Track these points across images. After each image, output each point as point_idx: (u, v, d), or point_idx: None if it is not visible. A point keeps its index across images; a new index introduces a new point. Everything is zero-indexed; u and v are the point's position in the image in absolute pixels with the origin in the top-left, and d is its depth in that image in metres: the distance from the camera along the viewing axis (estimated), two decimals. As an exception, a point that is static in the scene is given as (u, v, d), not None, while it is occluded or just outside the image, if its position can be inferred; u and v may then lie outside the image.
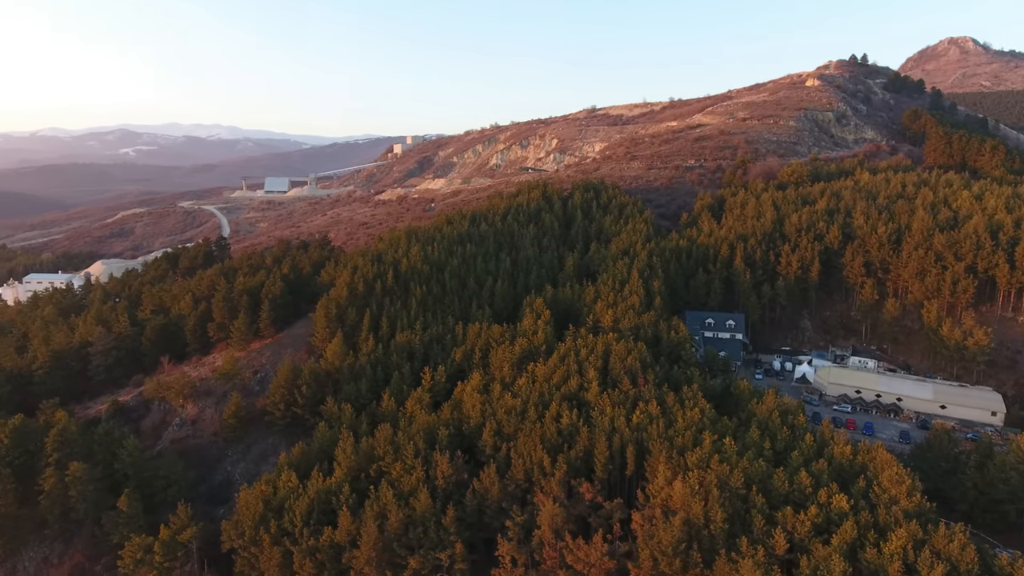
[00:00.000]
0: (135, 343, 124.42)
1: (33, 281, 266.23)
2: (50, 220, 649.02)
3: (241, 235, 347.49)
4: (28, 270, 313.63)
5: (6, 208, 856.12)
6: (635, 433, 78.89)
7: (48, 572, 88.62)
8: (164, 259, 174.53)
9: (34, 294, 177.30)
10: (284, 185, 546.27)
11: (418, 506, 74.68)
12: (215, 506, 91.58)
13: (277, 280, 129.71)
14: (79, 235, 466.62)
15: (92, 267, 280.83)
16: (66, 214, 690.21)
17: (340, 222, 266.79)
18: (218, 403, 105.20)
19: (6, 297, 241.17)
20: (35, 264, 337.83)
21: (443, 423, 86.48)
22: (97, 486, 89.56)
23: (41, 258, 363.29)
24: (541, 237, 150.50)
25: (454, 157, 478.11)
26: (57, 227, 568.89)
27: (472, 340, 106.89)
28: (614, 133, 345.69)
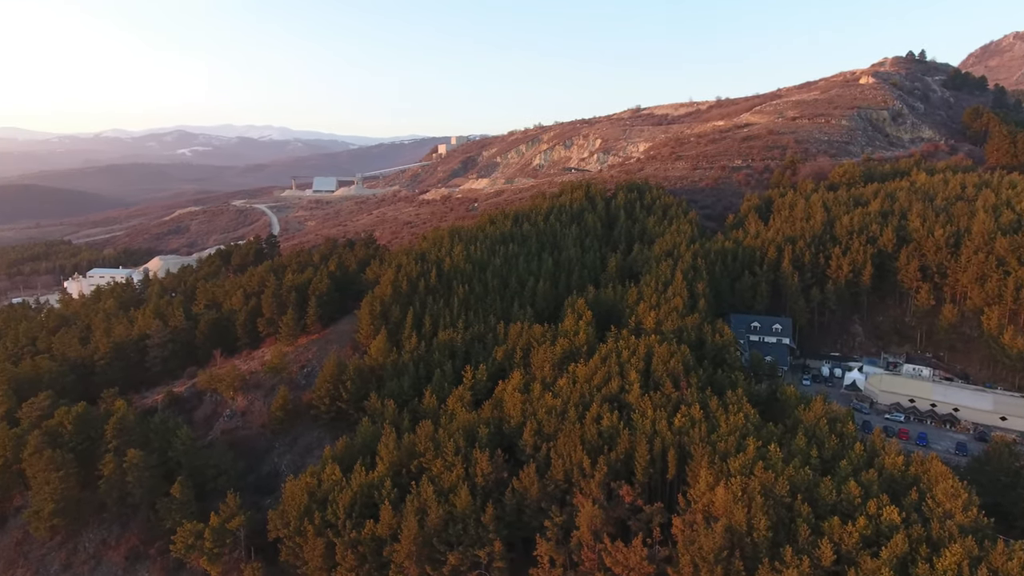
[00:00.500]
0: (189, 336, 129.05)
1: (96, 276, 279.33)
2: (112, 217, 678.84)
3: (290, 233, 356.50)
4: (91, 265, 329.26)
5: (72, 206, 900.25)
6: (677, 437, 77.99)
7: (106, 553, 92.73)
8: (217, 256, 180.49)
9: (97, 288, 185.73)
10: (332, 185, 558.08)
11: (458, 503, 75.49)
12: (262, 496, 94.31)
13: (324, 277, 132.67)
14: (139, 232, 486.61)
15: (150, 263, 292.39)
16: (127, 212, 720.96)
17: (385, 221, 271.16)
18: (266, 396, 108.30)
19: (71, 290, 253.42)
20: (98, 259, 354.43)
21: (483, 421, 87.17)
22: (152, 473, 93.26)
23: (103, 254, 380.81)
24: (583, 237, 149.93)
25: (497, 157, 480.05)
26: (118, 224, 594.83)
27: (513, 340, 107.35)
28: (659, 133, 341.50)
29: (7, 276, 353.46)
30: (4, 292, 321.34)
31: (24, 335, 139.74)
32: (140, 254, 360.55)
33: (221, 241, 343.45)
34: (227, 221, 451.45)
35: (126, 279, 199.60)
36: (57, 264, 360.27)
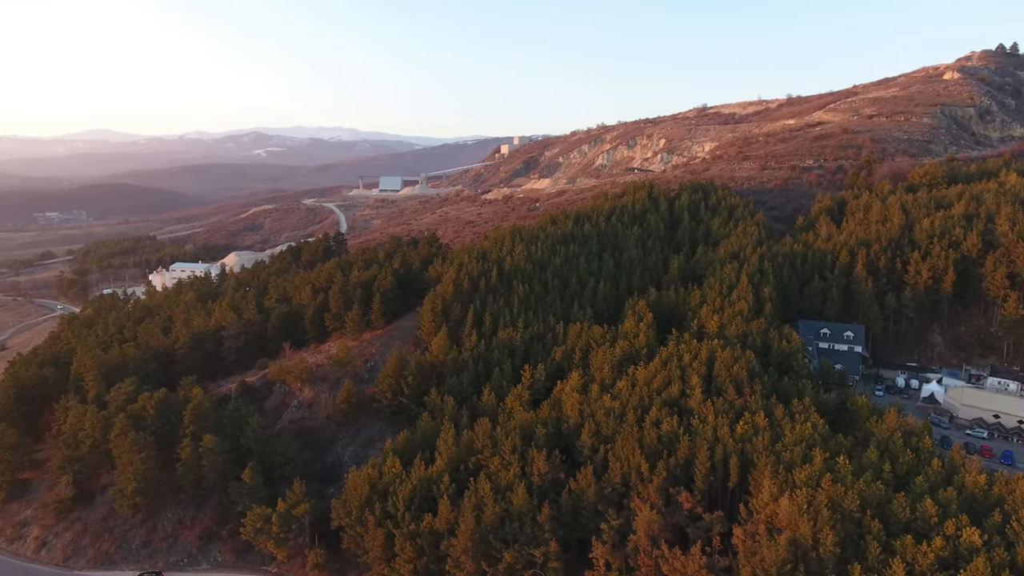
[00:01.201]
0: (261, 329, 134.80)
1: (178, 269, 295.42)
2: (193, 215, 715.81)
3: (357, 231, 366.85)
4: (174, 259, 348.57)
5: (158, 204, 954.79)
6: (739, 444, 76.02)
7: (182, 532, 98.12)
8: (288, 252, 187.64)
9: (178, 281, 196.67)
10: (397, 184, 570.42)
11: (515, 500, 76.06)
12: (326, 485, 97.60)
13: (388, 275, 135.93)
14: (217, 229, 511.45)
15: (227, 258, 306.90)
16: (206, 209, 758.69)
17: (448, 220, 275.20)
18: (332, 389, 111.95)
19: (155, 283, 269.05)
20: (180, 254, 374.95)
21: (541, 421, 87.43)
22: (225, 458, 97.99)
23: (185, 249, 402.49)
24: (646, 239, 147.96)
25: (560, 157, 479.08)
26: (199, 221, 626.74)
27: (572, 340, 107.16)
28: (725, 132, 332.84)
29: (99, 269, 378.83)
30: (96, 284, 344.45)
31: (113, 324, 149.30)
32: (218, 250, 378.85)
33: (292, 238, 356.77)
34: (298, 219, 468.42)
35: (205, 273, 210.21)
36: (143, 258, 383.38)
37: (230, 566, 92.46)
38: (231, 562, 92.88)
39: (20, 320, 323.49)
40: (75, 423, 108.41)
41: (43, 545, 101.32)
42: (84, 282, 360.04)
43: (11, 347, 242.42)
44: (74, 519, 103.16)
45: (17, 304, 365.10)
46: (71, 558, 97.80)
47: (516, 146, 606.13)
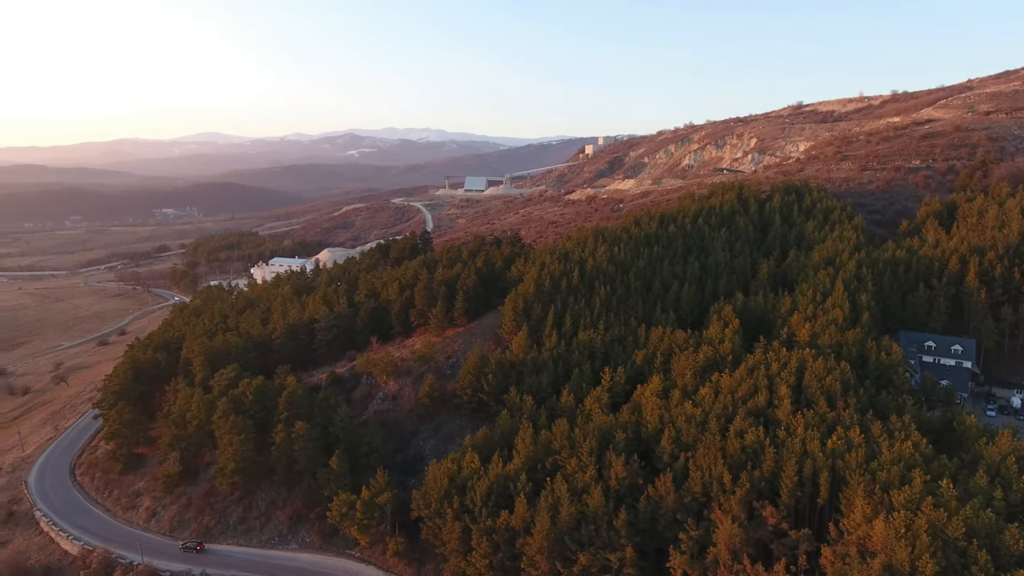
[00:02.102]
0: (351, 323, 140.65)
1: (276, 264, 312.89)
2: (291, 212, 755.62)
3: (442, 230, 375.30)
4: (273, 254, 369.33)
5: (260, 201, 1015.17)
6: (830, 460, 72.31)
7: (274, 512, 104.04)
8: (377, 250, 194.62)
9: (277, 275, 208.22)
10: (482, 184, 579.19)
11: (591, 503, 75.75)
12: (407, 476, 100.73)
13: (471, 273, 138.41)
14: (312, 226, 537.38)
15: (321, 254, 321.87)
16: (303, 207, 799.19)
17: (531, 220, 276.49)
18: (415, 383, 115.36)
19: (256, 276, 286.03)
20: (279, 249, 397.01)
21: (620, 425, 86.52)
22: (315, 444, 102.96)
23: (283, 244, 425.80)
24: (733, 241, 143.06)
25: (645, 158, 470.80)
26: (296, 218, 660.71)
27: (654, 344, 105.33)
28: (822, 131, 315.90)
29: (207, 262, 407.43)
30: (204, 275, 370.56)
31: (218, 314, 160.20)
32: (312, 246, 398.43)
33: (381, 236, 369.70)
34: (387, 217, 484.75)
35: (300, 268, 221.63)
36: (246, 252, 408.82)
37: (317, 547, 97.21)
38: (318, 544, 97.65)
39: (139, 307, 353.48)
40: (183, 404, 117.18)
41: (153, 515, 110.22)
42: (194, 274, 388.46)
43: (130, 332, 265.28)
44: (180, 493, 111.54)
45: (136, 293, 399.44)
46: (176, 529, 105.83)
47: (601, 146, 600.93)
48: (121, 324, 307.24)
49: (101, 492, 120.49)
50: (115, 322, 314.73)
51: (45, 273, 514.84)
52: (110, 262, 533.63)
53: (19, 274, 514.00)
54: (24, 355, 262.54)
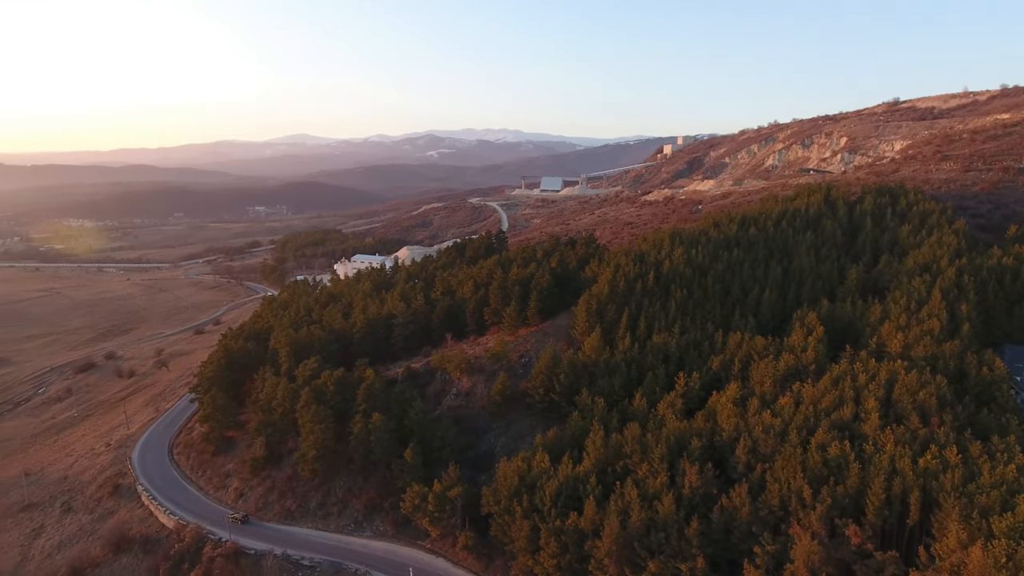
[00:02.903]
0: (427, 319, 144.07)
1: (358, 260, 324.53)
2: (373, 211, 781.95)
3: (517, 229, 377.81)
4: (355, 251, 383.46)
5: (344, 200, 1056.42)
6: (921, 480, 68.06)
7: (351, 500, 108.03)
8: (454, 248, 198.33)
9: (358, 271, 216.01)
10: (557, 184, 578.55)
11: (662, 510, 74.54)
12: (478, 472, 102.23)
13: (546, 273, 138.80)
14: (392, 224, 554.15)
15: (400, 252, 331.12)
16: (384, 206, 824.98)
17: (606, 221, 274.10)
18: (488, 380, 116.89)
19: (339, 272, 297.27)
20: (360, 246, 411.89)
21: (694, 432, 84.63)
22: (390, 436, 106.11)
23: (364, 242, 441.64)
24: (819, 246, 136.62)
25: (726, 158, 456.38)
26: (377, 217, 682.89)
27: (732, 350, 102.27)
28: (920, 129, 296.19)
29: (294, 257, 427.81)
30: (291, 270, 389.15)
31: (303, 307, 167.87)
32: (392, 243, 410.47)
33: (458, 235, 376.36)
34: (464, 216, 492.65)
35: (380, 265, 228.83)
36: (330, 249, 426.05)
37: (390, 536, 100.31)
38: (391, 533, 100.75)
39: (232, 299, 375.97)
40: (269, 392, 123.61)
41: (240, 496, 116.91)
42: (282, 268, 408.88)
43: (224, 322, 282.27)
44: (265, 476, 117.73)
45: (230, 285, 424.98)
46: (261, 510, 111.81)
47: (680, 146, 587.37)
48: (216, 315, 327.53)
49: (195, 471, 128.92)
50: (211, 313, 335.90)
51: (151, 265, 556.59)
52: (207, 256, 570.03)
53: (128, 266, 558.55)
54: (131, 341, 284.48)
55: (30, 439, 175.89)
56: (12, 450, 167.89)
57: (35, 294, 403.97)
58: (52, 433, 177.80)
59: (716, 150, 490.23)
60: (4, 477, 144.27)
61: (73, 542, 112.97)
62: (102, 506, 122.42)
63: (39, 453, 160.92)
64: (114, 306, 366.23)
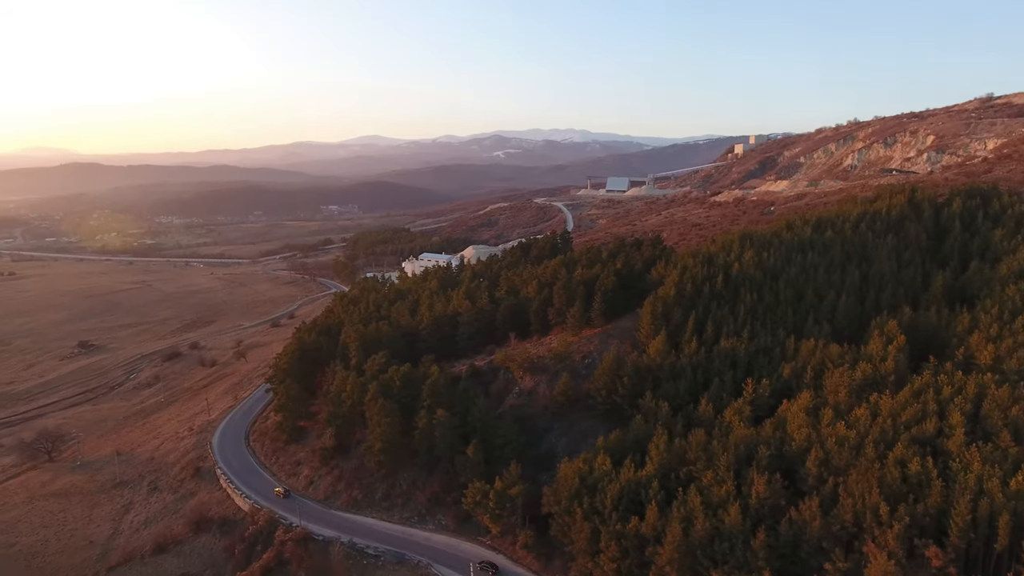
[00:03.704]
0: (491, 318, 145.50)
1: (425, 259, 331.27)
2: (440, 210, 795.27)
3: (582, 230, 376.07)
4: (423, 249, 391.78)
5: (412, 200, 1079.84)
6: (1012, 502, 63.77)
7: (414, 493, 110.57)
8: (519, 248, 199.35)
9: (425, 269, 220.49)
10: (624, 185, 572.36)
11: (727, 520, 72.85)
12: (539, 471, 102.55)
13: (610, 274, 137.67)
14: (458, 224, 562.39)
15: (466, 250, 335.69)
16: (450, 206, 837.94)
17: (674, 222, 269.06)
18: (550, 380, 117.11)
19: (407, 269, 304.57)
20: (428, 245, 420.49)
21: (763, 440, 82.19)
22: (453, 432, 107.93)
23: (431, 240, 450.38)
24: (902, 250, 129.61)
25: (801, 157, 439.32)
26: (444, 216, 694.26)
27: (804, 357, 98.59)
28: (1017, 126, 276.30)
29: (364, 255, 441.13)
30: (362, 267, 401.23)
31: (372, 303, 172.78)
32: (458, 242, 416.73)
33: (523, 234, 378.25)
34: (529, 216, 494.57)
35: (447, 263, 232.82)
36: (398, 247, 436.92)
37: (451, 530, 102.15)
38: (452, 527, 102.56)
39: (306, 294, 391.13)
40: (339, 385, 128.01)
41: (310, 484, 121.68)
42: (353, 266, 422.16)
43: (298, 316, 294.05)
44: (333, 466, 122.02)
45: (304, 281, 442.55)
46: (330, 498, 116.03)
47: (752, 145, 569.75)
48: (291, 309, 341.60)
49: (269, 458, 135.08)
50: (286, 307, 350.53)
51: (232, 261, 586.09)
52: (284, 253, 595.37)
53: (212, 261, 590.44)
54: (213, 332, 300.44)
55: (122, 421, 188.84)
56: (107, 430, 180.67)
57: (128, 286, 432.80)
58: (141, 416, 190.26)
59: (790, 149, 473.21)
60: (100, 455, 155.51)
61: (158, 519, 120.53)
62: (184, 487, 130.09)
63: (130, 434, 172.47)
64: (198, 299, 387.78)
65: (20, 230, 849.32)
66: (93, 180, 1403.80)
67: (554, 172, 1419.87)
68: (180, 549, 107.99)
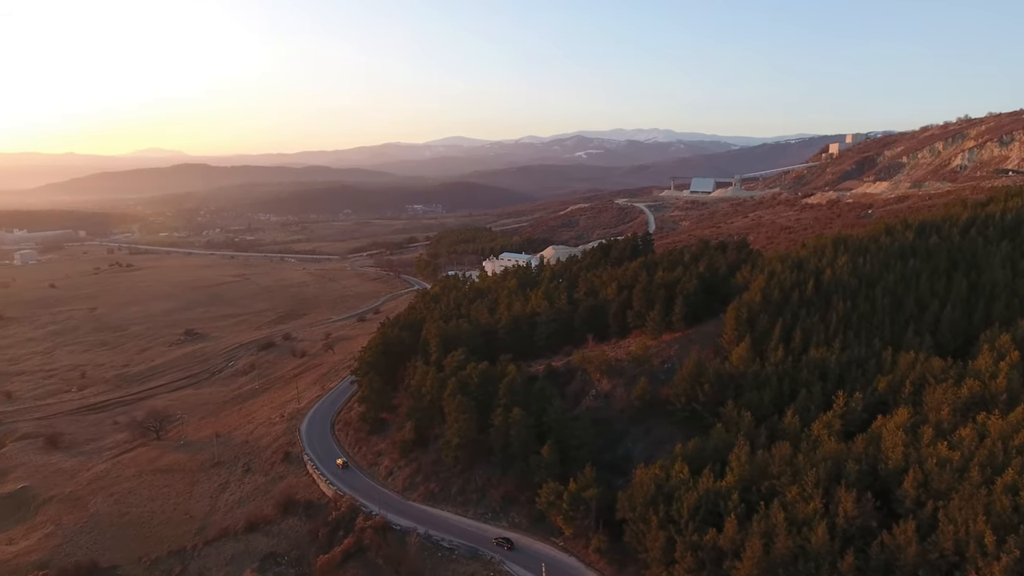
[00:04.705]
0: (569, 319, 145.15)
1: (505, 258, 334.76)
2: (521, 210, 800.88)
3: (664, 232, 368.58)
4: (503, 249, 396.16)
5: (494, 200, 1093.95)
6: None
7: (489, 489, 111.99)
8: (598, 249, 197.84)
9: (505, 268, 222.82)
10: (709, 186, 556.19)
11: (813, 539, 69.47)
12: (614, 476, 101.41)
13: (693, 278, 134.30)
14: (539, 224, 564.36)
15: (545, 251, 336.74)
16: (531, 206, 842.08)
17: (761, 225, 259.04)
18: (628, 384, 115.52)
19: (487, 268, 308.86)
20: (508, 245, 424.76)
21: (854, 457, 77.75)
22: (529, 431, 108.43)
23: (512, 240, 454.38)
24: (1017, 258, 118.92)
25: (903, 157, 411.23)
26: (525, 216, 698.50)
27: (903, 370, 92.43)
28: None
29: (447, 254, 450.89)
30: (444, 266, 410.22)
31: (453, 301, 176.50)
32: (538, 242, 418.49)
33: (603, 236, 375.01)
34: (610, 217, 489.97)
35: (526, 263, 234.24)
36: (479, 246, 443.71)
37: (524, 529, 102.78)
38: (525, 525, 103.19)
39: (390, 291, 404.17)
40: (419, 380, 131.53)
41: (390, 474, 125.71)
42: (435, 264, 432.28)
43: (383, 312, 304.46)
44: (412, 458, 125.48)
45: (389, 278, 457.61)
46: (407, 490, 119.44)
47: (848, 145, 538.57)
48: (376, 304, 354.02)
49: (352, 447, 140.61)
50: (371, 302, 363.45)
51: (323, 257, 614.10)
52: (370, 250, 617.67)
53: (304, 257, 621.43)
54: (304, 324, 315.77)
55: (221, 405, 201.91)
56: (207, 413, 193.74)
57: (229, 279, 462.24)
58: (238, 401, 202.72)
59: (891, 149, 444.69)
60: (201, 436, 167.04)
61: (250, 499, 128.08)
62: (275, 470, 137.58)
63: (227, 418, 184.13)
64: (291, 292, 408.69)
65: (137, 226, 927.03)
66: (201, 180, 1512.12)
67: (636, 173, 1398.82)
68: (269, 529, 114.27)
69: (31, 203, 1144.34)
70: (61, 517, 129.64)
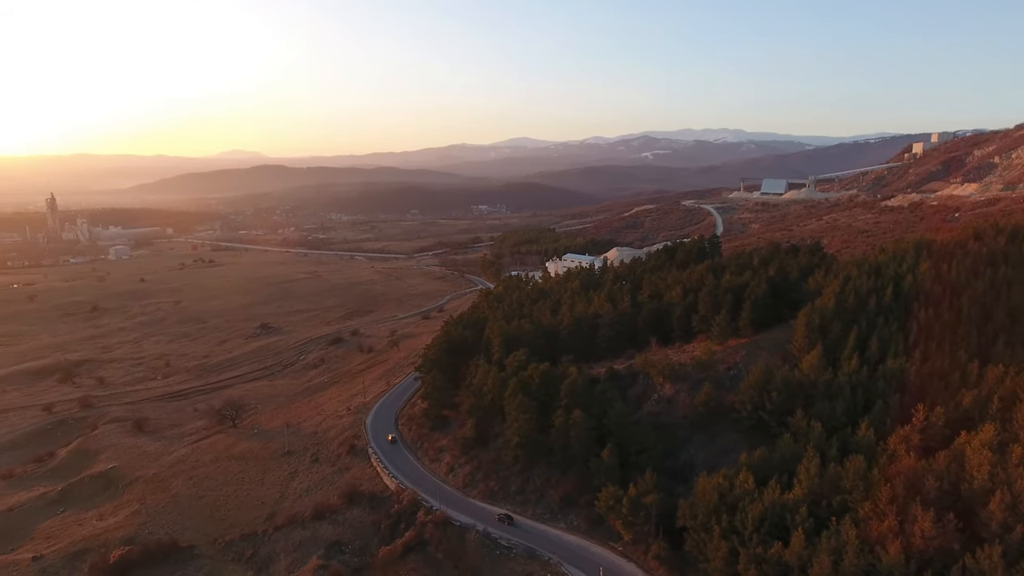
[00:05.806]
0: (632, 321, 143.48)
1: (568, 259, 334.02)
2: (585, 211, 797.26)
3: (732, 234, 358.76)
4: (566, 250, 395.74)
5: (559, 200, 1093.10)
6: None
7: (548, 490, 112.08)
8: (664, 251, 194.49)
9: (568, 270, 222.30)
10: (781, 187, 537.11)
11: (885, 558, 66.34)
12: (676, 483, 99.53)
13: (762, 282, 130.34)
14: (603, 225, 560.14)
15: (609, 252, 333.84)
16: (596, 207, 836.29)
17: (836, 228, 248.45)
18: (691, 389, 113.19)
19: (550, 269, 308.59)
20: (571, 246, 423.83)
21: (934, 474, 73.62)
22: (589, 434, 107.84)
23: (576, 241, 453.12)
24: None
25: (995, 157, 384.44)
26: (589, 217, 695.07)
27: (991, 385, 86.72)
28: None
29: (510, 254, 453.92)
30: (507, 266, 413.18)
31: (515, 301, 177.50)
32: (602, 244, 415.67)
33: (669, 238, 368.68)
34: (676, 219, 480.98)
35: (589, 264, 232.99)
36: (543, 247, 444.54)
37: (583, 531, 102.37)
38: (584, 528, 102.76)
39: (454, 290, 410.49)
40: (481, 379, 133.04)
41: (450, 471, 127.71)
42: (499, 264, 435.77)
43: (447, 310, 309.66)
44: (472, 456, 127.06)
45: (453, 277, 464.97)
46: (467, 487, 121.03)
47: (933, 144, 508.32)
48: (440, 303, 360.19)
49: (414, 442, 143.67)
50: (436, 301, 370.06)
51: (390, 255, 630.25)
52: (436, 250, 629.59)
53: (373, 255, 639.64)
54: (372, 321, 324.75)
55: (292, 397, 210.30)
56: (280, 404, 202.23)
57: (302, 276, 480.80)
58: (308, 394, 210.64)
59: (982, 148, 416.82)
60: (272, 426, 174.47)
61: (317, 488, 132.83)
62: (341, 461, 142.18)
63: (298, 409, 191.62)
64: (360, 290, 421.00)
65: (219, 223, 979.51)
66: (278, 180, 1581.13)
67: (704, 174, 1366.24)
68: (335, 518, 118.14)
69: (125, 202, 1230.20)
70: (145, 497, 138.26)
